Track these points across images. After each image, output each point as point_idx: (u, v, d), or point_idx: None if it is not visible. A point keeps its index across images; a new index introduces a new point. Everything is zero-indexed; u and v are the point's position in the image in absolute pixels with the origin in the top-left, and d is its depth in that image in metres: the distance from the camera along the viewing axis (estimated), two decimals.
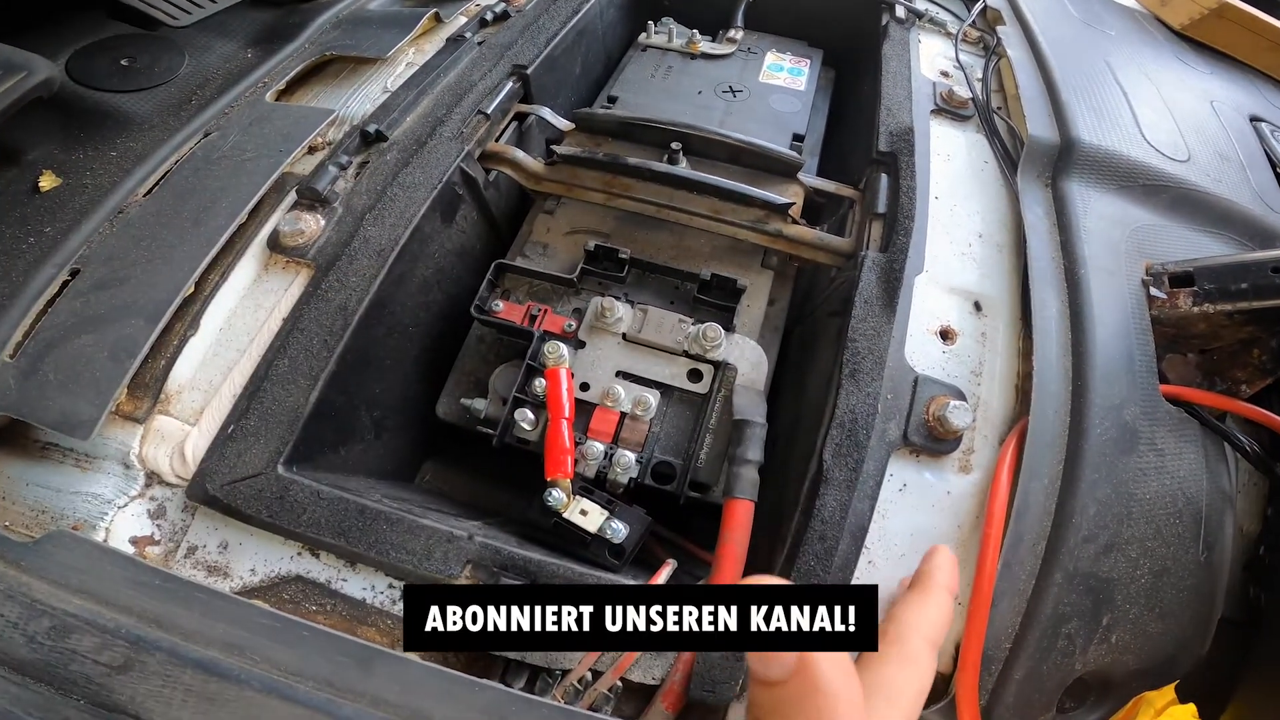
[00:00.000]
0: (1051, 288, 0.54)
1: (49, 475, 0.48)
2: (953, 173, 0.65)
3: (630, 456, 0.55)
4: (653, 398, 0.56)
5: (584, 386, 0.57)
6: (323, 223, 0.57)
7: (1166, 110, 0.74)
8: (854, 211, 0.63)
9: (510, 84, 0.69)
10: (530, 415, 0.56)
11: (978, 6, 0.90)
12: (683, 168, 0.59)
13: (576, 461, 0.54)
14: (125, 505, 0.48)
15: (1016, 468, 0.48)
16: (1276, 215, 0.68)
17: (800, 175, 0.62)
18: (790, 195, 0.61)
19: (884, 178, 0.62)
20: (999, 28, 0.84)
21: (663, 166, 0.58)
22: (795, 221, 0.59)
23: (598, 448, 0.55)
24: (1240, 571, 0.53)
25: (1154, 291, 0.55)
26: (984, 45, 0.85)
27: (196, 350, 0.53)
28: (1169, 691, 0.49)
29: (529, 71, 0.70)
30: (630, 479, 0.55)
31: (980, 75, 0.79)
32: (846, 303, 0.54)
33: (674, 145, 0.59)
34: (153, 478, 0.49)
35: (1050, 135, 0.64)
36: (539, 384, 0.56)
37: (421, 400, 0.63)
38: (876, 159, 0.64)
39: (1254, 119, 0.84)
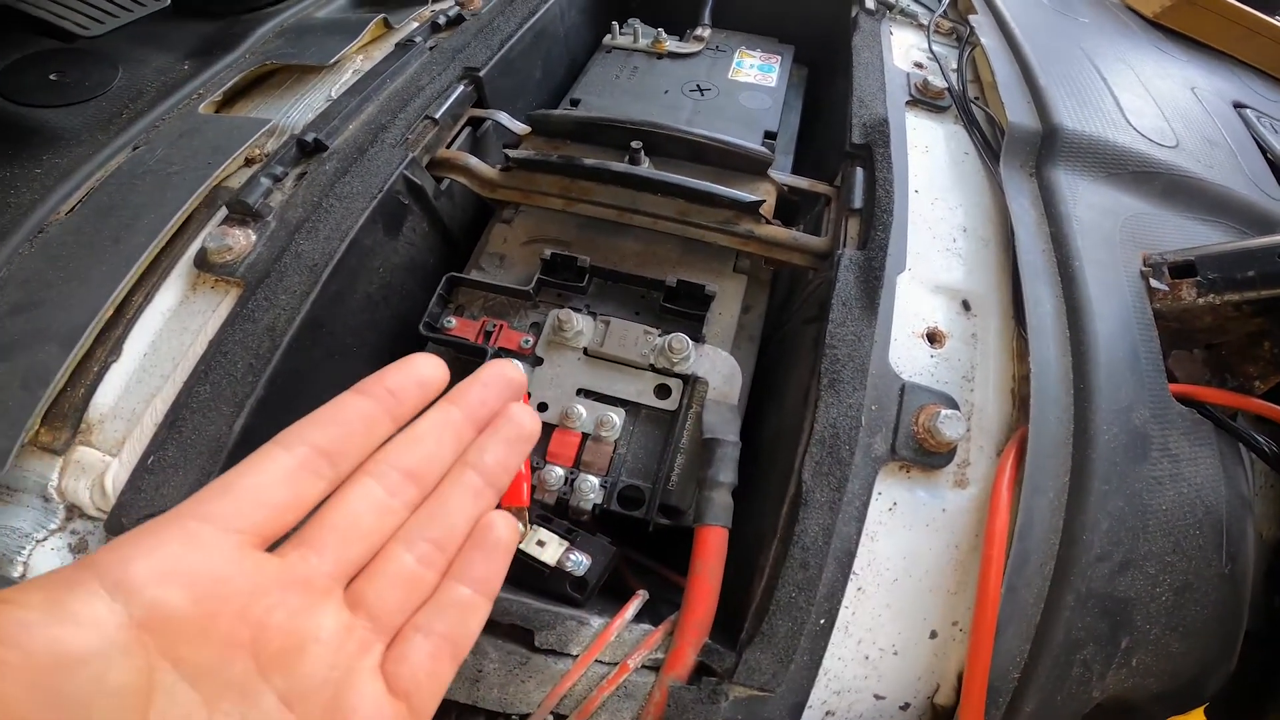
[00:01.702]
0: (1045, 282, 0.49)
1: None
2: (932, 165, 0.60)
3: (594, 480, 0.49)
4: (617, 416, 0.51)
5: (542, 407, 0.52)
6: (254, 238, 0.52)
7: (1149, 96, 0.70)
8: (829, 209, 0.58)
9: (461, 88, 0.64)
10: None
11: None
12: (645, 168, 0.54)
13: (534, 488, 0.49)
14: (44, 539, 0.44)
15: (1017, 481, 0.43)
16: (1274, 201, 0.64)
17: (772, 172, 0.57)
18: (761, 194, 0.56)
19: (859, 171, 0.57)
20: (971, 17, 0.80)
21: (622, 167, 0.53)
22: (768, 221, 0.55)
23: (558, 472, 0.50)
24: (1261, 580, 0.48)
25: (1154, 283, 0.51)
26: (957, 36, 0.82)
27: (119, 377, 0.48)
28: (1198, 715, 0.45)
29: (481, 74, 0.65)
30: (594, 505, 0.49)
31: (955, 66, 0.75)
32: (824, 306, 0.49)
33: (634, 144, 0.54)
34: (73, 510, 0.45)
35: (1031, 122, 0.60)
36: None
37: None
38: (850, 152, 0.60)
39: (1237, 105, 0.81)
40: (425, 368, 0.28)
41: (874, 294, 0.48)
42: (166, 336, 0.50)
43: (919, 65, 0.75)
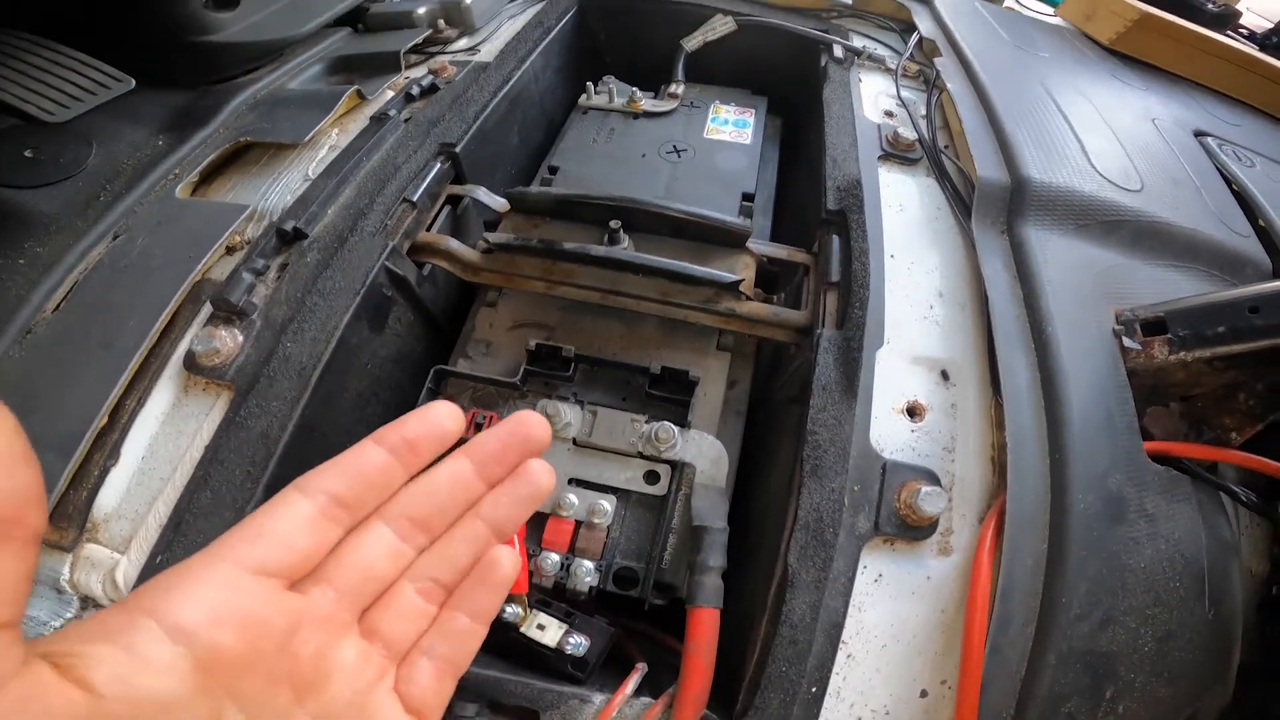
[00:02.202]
0: (1019, 350, 0.51)
1: None
2: (906, 225, 0.62)
3: (589, 565, 0.52)
4: (608, 504, 0.53)
5: None
6: (240, 338, 0.53)
7: (1112, 135, 0.72)
8: (809, 278, 0.60)
9: (438, 165, 0.65)
10: None
11: (913, 39, 0.88)
12: (624, 248, 0.56)
13: (532, 574, 0.51)
14: (61, 627, 0.46)
15: (998, 549, 0.45)
16: (1240, 238, 0.66)
17: (751, 243, 0.59)
18: (741, 268, 0.58)
19: (835, 240, 0.59)
20: (936, 59, 0.82)
21: (601, 251, 0.54)
22: (748, 298, 0.56)
23: (554, 559, 0.52)
24: (1254, 614, 0.51)
25: (1127, 342, 0.52)
26: (924, 79, 0.84)
27: (119, 479, 0.50)
28: None
29: (458, 150, 0.66)
30: (591, 587, 0.52)
31: (924, 112, 0.77)
32: (805, 388, 0.51)
33: (613, 224, 0.56)
34: (87, 601, 0.47)
35: (1000, 176, 0.62)
36: None
37: None
38: (826, 219, 0.61)
39: (1198, 134, 0.83)
40: (443, 418, 0.30)
41: (853, 375, 0.50)
42: (163, 440, 0.51)
43: (889, 114, 0.77)
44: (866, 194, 0.61)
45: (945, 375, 0.53)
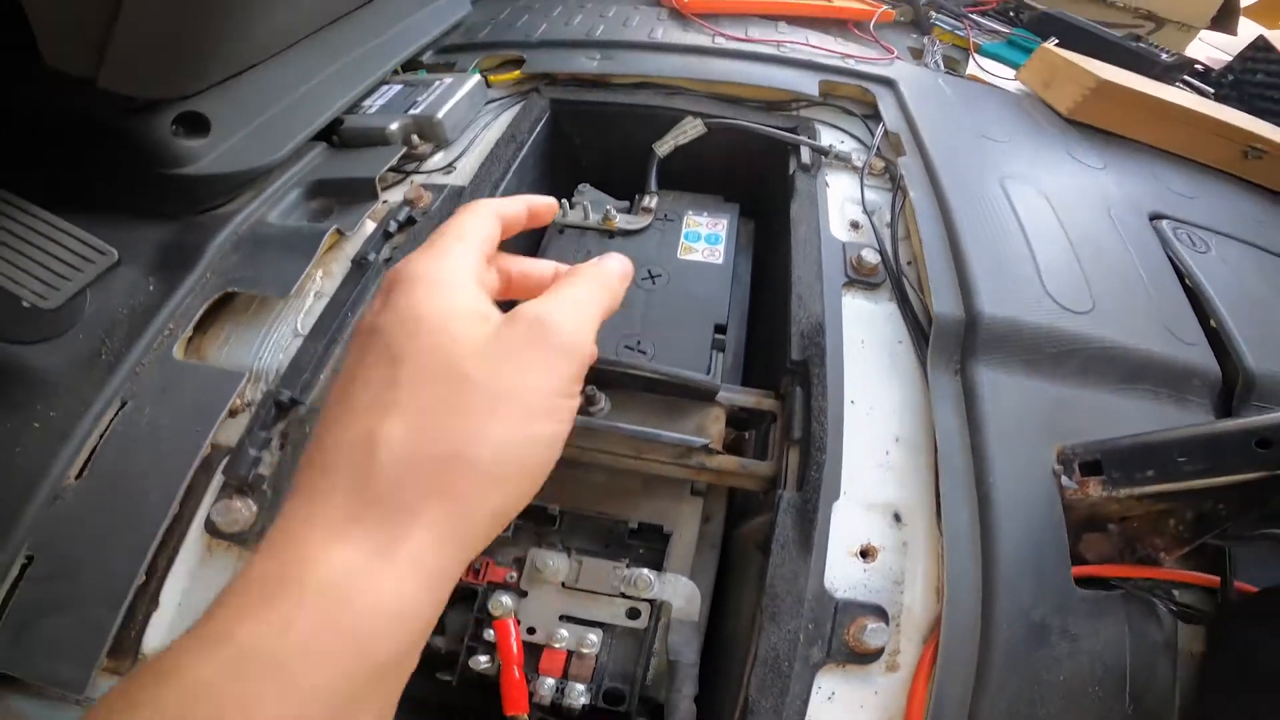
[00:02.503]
0: (962, 497, 0.68)
1: (55, 713, 0.65)
2: (867, 363, 0.80)
3: (580, 687, 0.71)
4: (595, 636, 0.72)
5: (530, 630, 0.73)
6: (254, 507, 0.71)
7: (1067, 243, 0.91)
8: (775, 429, 0.78)
9: None
10: (484, 659, 0.72)
11: (879, 132, 1.08)
12: (600, 408, 0.74)
13: (531, 695, 0.70)
14: None
15: (933, 671, 0.63)
16: (1188, 347, 0.83)
17: (721, 395, 0.77)
18: (711, 420, 0.76)
19: (799, 392, 0.77)
20: (900, 159, 1.01)
21: (580, 420, 0.72)
22: (718, 452, 0.74)
23: (549, 683, 0.71)
24: (1194, 691, 0.66)
25: (1065, 482, 0.69)
26: (890, 176, 1.03)
27: (162, 621, 0.68)
28: None
29: None
30: (584, 704, 0.71)
31: (889, 219, 0.95)
32: (767, 542, 0.68)
33: (589, 390, 0.74)
34: None
35: (955, 311, 0.78)
36: (488, 632, 0.72)
37: None
38: (790, 369, 0.79)
39: (1154, 217, 1.02)
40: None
41: (809, 532, 0.67)
42: (195, 589, 0.69)
43: (855, 225, 0.96)
44: (829, 336, 0.79)
45: (898, 517, 0.71)
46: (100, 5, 0.75)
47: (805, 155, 1.04)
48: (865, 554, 0.69)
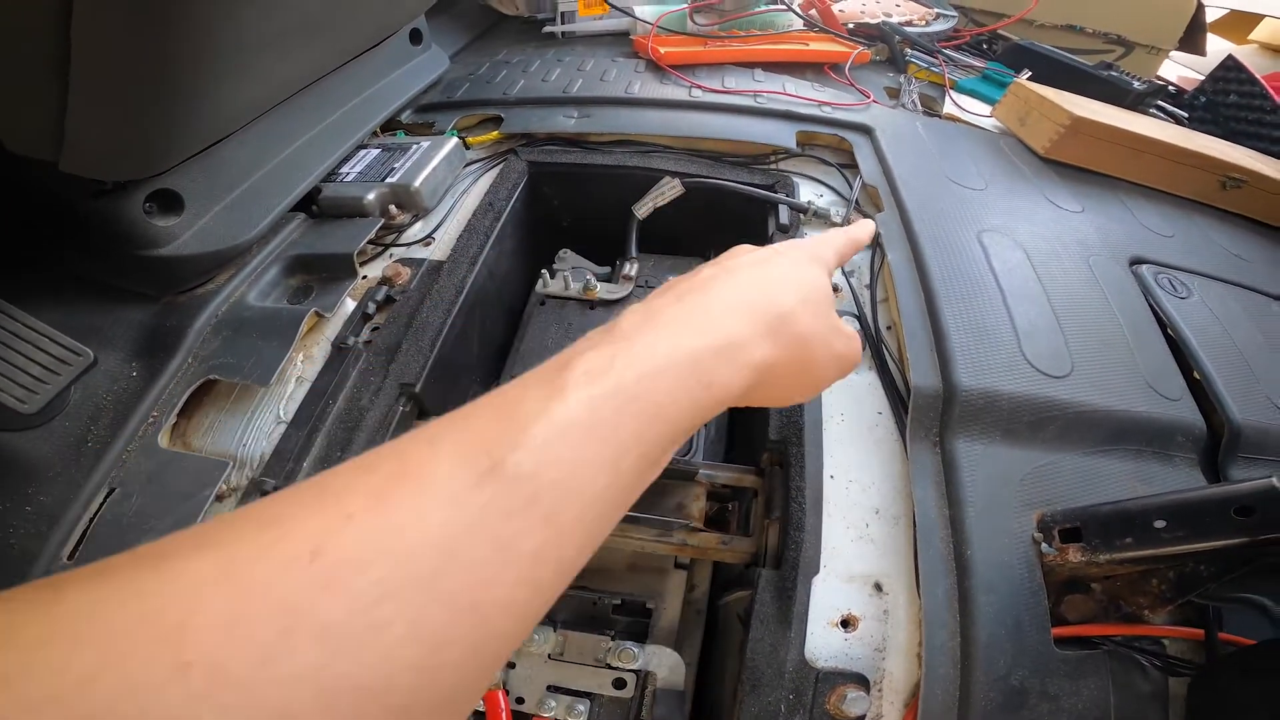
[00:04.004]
0: (940, 570, 0.67)
1: None
2: (847, 437, 0.79)
3: None
4: (583, 706, 0.72)
5: (519, 700, 0.73)
6: None
7: (1045, 301, 0.89)
8: (756, 502, 0.77)
9: (401, 409, 0.81)
10: None
11: (857, 186, 1.07)
12: None
13: None
14: None
15: None
16: (1170, 403, 0.81)
17: (701, 474, 0.76)
18: (692, 499, 0.75)
19: (778, 470, 0.76)
20: (879, 215, 1.00)
21: None
22: (699, 529, 0.73)
23: None
24: None
25: (1045, 549, 0.68)
26: None
27: None
28: None
29: (417, 389, 0.82)
30: None
31: (868, 280, 0.94)
32: (747, 616, 0.67)
33: None
34: None
35: (933, 383, 0.78)
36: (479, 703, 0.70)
37: None
38: (769, 446, 0.78)
39: (1134, 262, 1.01)
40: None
41: (789, 609, 0.66)
42: None
43: (834, 289, 0.94)
44: (808, 412, 0.78)
45: (879, 587, 0.70)
46: (49, 91, 0.72)
47: (784, 215, 1.03)
48: (846, 624, 0.68)
